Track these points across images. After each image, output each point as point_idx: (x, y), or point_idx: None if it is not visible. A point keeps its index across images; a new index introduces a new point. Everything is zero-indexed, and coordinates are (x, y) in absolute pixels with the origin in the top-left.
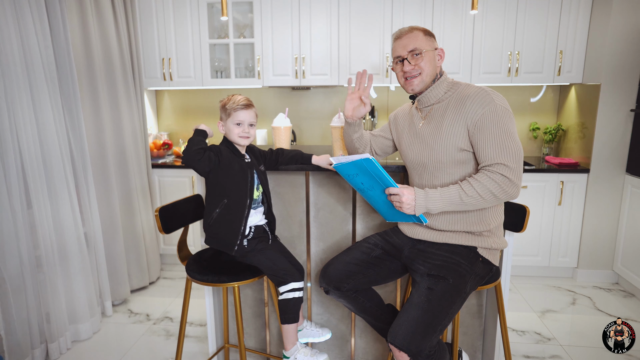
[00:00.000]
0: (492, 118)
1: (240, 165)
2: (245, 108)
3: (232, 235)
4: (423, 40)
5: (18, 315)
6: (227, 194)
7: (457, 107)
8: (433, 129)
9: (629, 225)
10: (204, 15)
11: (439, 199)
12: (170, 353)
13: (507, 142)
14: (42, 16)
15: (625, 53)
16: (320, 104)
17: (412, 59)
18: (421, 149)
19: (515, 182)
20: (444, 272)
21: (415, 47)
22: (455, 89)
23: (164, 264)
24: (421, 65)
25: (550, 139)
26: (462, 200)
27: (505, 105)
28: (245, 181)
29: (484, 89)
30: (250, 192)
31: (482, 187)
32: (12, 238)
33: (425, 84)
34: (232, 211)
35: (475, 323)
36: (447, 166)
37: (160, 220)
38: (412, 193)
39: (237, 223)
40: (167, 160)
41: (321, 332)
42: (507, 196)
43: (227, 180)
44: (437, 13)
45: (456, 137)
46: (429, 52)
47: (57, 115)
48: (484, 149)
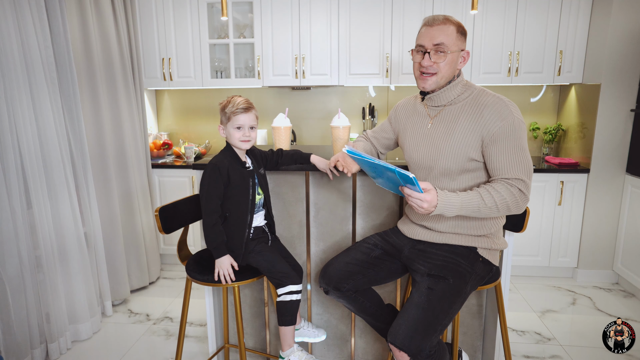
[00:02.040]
0: (510, 132)
1: (241, 176)
2: (245, 111)
3: (237, 246)
4: (453, 38)
5: (18, 315)
6: (229, 208)
7: (473, 115)
8: (444, 133)
9: (629, 225)
10: (204, 15)
11: (458, 206)
12: (170, 353)
13: (522, 157)
14: (42, 16)
15: (625, 53)
16: (320, 104)
17: (434, 55)
18: (428, 152)
19: (528, 197)
20: (444, 272)
21: (442, 42)
22: (470, 92)
23: (164, 264)
24: (440, 65)
25: (550, 139)
26: (479, 210)
27: (521, 118)
28: (246, 193)
29: (502, 99)
30: (252, 202)
31: (501, 198)
32: (12, 238)
33: (439, 86)
34: (235, 224)
35: (475, 323)
36: (454, 173)
37: (160, 220)
38: (435, 199)
39: (241, 234)
40: (167, 160)
41: (317, 333)
42: (518, 210)
43: (229, 196)
44: (437, 13)
45: (468, 146)
46: (455, 53)
47: (57, 115)
48: (498, 162)
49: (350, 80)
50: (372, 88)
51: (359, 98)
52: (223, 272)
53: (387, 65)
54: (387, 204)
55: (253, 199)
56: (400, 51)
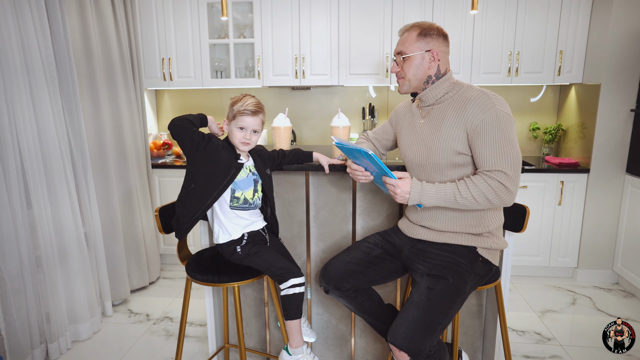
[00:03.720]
0: (493, 124)
1: (228, 161)
2: (252, 114)
3: (187, 219)
4: (413, 43)
5: (18, 315)
6: (196, 180)
7: (457, 110)
8: (432, 130)
9: (629, 225)
10: (204, 15)
11: (433, 195)
12: (170, 353)
13: (507, 149)
14: (42, 16)
15: (625, 53)
16: (320, 104)
17: (398, 62)
18: (419, 149)
19: (511, 190)
20: (444, 271)
21: (401, 50)
22: (457, 90)
23: (164, 264)
24: (404, 69)
25: (550, 139)
26: (456, 200)
27: (506, 111)
28: (223, 175)
29: (486, 92)
30: (221, 189)
31: (477, 190)
32: (12, 238)
33: (413, 87)
34: (194, 197)
35: (475, 323)
36: (444, 168)
37: (160, 220)
38: (407, 185)
39: (195, 209)
40: (167, 160)
41: (309, 333)
42: (501, 203)
43: (202, 168)
44: (437, 13)
45: (455, 140)
46: (416, 56)
47: (57, 115)
48: (483, 154)
49: (350, 80)
50: (372, 88)
51: (359, 98)
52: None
53: (387, 65)
54: (387, 203)
55: (223, 189)
56: None
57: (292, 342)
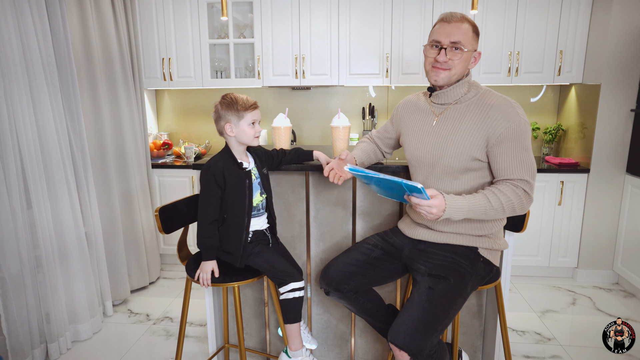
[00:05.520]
0: (516, 133)
1: (237, 177)
2: (256, 107)
3: (235, 249)
4: (469, 38)
5: (18, 315)
6: (227, 210)
7: (479, 115)
8: (448, 131)
9: (629, 225)
10: (204, 15)
11: (465, 211)
12: (170, 353)
13: (527, 158)
14: (42, 16)
15: (625, 53)
16: (320, 104)
17: (450, 52)
18: (431, 149)
19: (532, 198)
20: (445, 271)
21: (459, 40)
22: (475, 91)
23: (164, 264)
24: (455, 62)
25: (550, 139)
26: (486, 212)
27: (526, 120)
28: (242, 194)
29: (509, 100)
30: (249, 204)
31: (507, 200)
32: (12, 238)
33: (450, 82)
34: (232, 226)
35: (475, 323)
36: (456, 172)
37: (160, 220)
38: (442, 204)
39: (238, 236)
40: (167, 160)
41: (310, 340)
42: (522, 210)
43: (225, 198)
44: (437, 13)
45: (472, 146)
46: (469, 52)
47: (57, 115)
48: (504, 162)
49: (351, 80)
50: (372, 88)
51: (359, 98)
52: (203, 276)
53: (387, 65)
54: (387, 204)
55: (250, 201)
56: (400, 51)
57: (292, 345)
